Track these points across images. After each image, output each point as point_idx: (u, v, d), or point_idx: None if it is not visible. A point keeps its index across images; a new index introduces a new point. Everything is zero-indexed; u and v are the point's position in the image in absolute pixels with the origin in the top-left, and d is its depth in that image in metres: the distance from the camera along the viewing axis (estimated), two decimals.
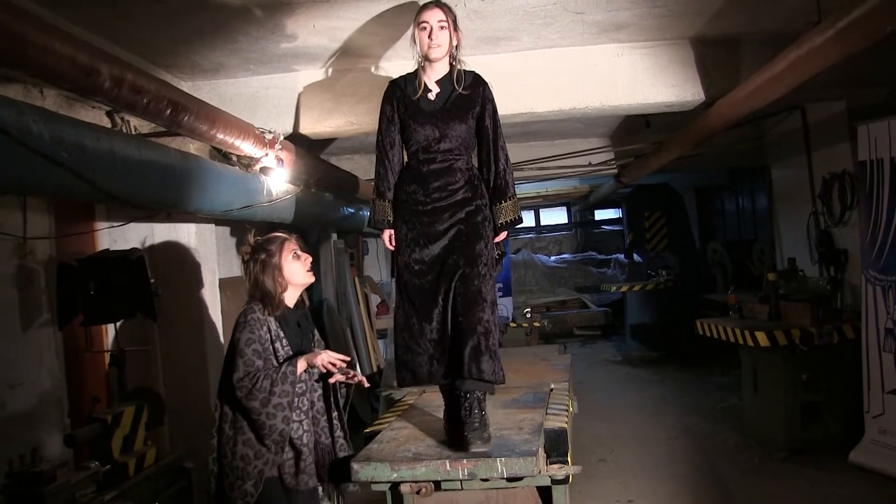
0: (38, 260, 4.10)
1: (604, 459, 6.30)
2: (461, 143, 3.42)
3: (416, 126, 3.39)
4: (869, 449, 5.65)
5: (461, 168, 3.41)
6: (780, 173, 8.61)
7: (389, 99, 3.51)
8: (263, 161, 4.53)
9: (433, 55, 3.38)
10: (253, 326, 3.22)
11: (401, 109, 3.45)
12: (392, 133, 3.48)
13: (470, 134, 3.45)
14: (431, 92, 3.44)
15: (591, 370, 10.70)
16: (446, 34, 3.37)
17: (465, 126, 3.40)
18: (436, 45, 3.35)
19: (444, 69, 3.47)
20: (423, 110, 3.40)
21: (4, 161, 2.37)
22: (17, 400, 3.84)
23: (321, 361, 3.20)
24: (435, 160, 3.39)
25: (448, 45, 3.40)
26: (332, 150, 7.97)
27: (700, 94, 5.04)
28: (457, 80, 3.44)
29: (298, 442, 3.21)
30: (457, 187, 3.39)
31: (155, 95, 3.14)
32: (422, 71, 3.46)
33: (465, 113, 3.41)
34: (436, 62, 3.43)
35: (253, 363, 3.15)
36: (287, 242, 3.38)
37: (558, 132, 8.14)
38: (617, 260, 15.97)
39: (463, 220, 3.37)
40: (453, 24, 3.41)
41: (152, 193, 3.43)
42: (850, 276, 6.68)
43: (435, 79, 3.47)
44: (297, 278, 3.37)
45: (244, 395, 3.11)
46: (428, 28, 3.35)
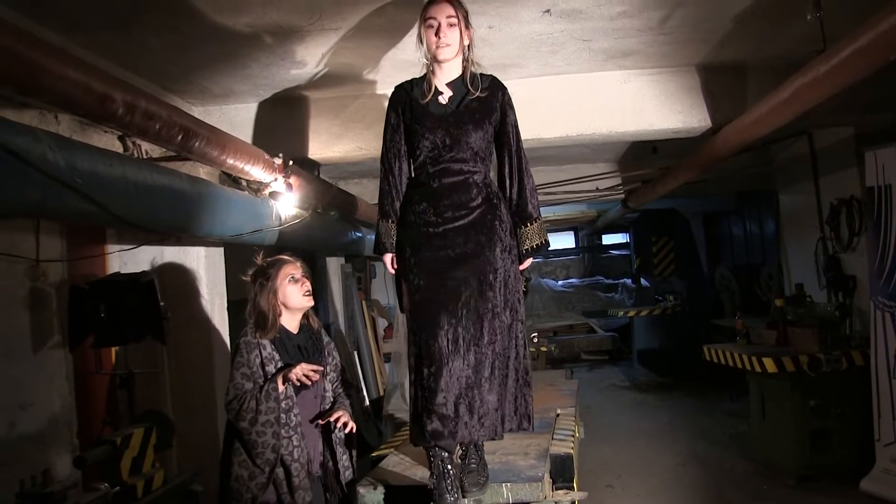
0: (51, 282, 4.14)
1: (611, 485, 6.26)
2: (477, 153, 3.02)
3: (424, 132, 3.01)
4: (880, 478, 5.59)
5: (478, 182, 3.01)
6: (787, 199, 8.62)
7: (395, 105, 3.15)
8: (273, 186, 4.57)
9: (442, 55, 3.00)
10: (242, 350, 3.31)
11: (407, 115, 3.08)
12: (397, 143, 3.13)
13: (487, 143, 3.06)
14: (442, 94, 3.06)
15: (598, 395, 10.64)
16: (456, 32, 3.00)
17: (481, 133, 3.01)
18: (445, 45, 2.97)
19: (456, 71, 3.08)
20: (433, 114, 3.01)
21: (22, 186, 2.41)
22: (27, 421, 3.87)
23: (293, 376, 3.20)
24: (447, 172, 2.99)
25: (459, 44, 3.02)
26: (341, 175, 8.03)
27: (707, 121, 5.08)
28: (471, 82, 3.05)
29: (289, 458, 3.22)
30: (474, 205, 2.99)
31: (167, 122, 3.18)
32: (430, 74, 3.07)
33: (481, 118, 3.01)
34: (446, 63, 3.04)
35: (242, 386, 3.23)
36: (285, 266, 3.40)
37: (566, 157, 8.18)
38: (624, 284, 15.92)
39: (481, 247, 2.96)
40: (465, 20, 3.04)
41: (163, 218, 3.47)
42: (858, 301, 6.66)
43: (446, 81, 3.08)
44: (292, 302, 3.39)
45: (234, 417, 3.22)
46: (436, 25, 2.97)
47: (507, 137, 3.10)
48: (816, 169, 7.37)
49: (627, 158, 8.33)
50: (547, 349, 10.48)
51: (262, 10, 3.55)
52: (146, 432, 3.62)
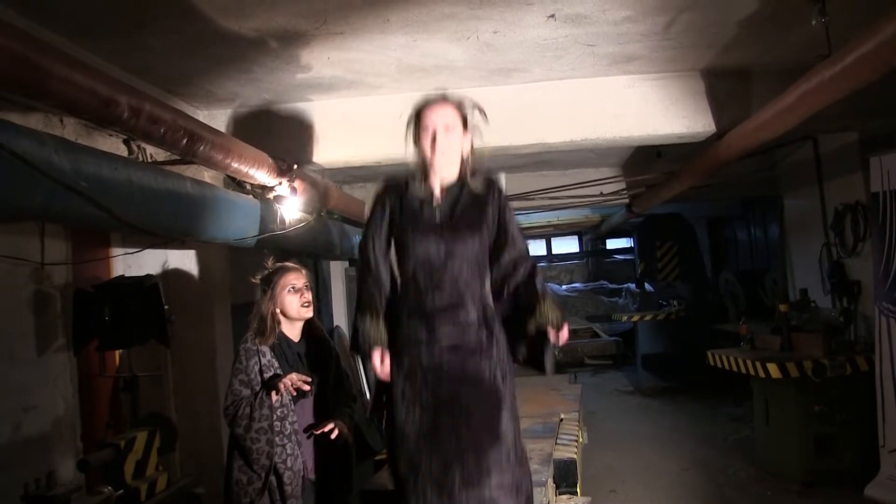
0: (55, 285, 4.16)
1: (614, 490, 6.24)
2: (473, 265, 2.72)
3: (416, 240, 2.69)
4: (885, 485, 5.56)
5: (474, 300, 2.71)
6: (792, 204, 8.61)
7: (383, 201, 2.81)
8: (277, 190, 4.58)
9: (438, 164, 2.70)
10: (241, 357, 3.35)
11: (396, 216, 2.75)
12: (383, 242, 2.80)
13: (483, 254, 2.76)
14: (434, 199, 2.74)
15: (602, 400, 10.62)
16: (457, 137, 2.71)
17: (477, 240, 2.72)
18: (441, 153, 2.67)
19: (452, 174, 2.77)
20: (426, 221, 2.70)
21: (28, 189, 2.42)
22: (31, 424, 3.88)
23: (283, 387, 3.21)
24: (442, 287, 2.66)
25: (458, 150, 2.73)
26: (345, 179, 8.04)
27: (711, 126, 5.08)
28: (465, 185, 2.76)
29: (282, 466, 3.24)
30: (470, 326, 2.68)
31: (172, 125, 3.19)
32: (424, 175, 2.75)
33: (476, 226, 2.72)
34: (442, 170, 2.74)
35: (239, 392, 3.28)
36: (287, 275, 3.43)
37: (570, 162, 8.18)
38: (628, 289, 15.92)
39: (478, 379, 2.65)
40: (464, 122, 2.75)
41: (168, 222, 3.48)
42: (863, 307, 6.64)
43: (440, 185, 2.75)
44: (290, 311, 3.41)
45: (230, 422, 3.28)
46: (432, 130, 2.67)
47: (504, 236, 2.79)
48: (821, 174, 7.35)
49: (632, 163, 8.33)
50: None
51: (268, 14, 3.56)
52: (150, 436, 3.63)
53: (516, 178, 8.69)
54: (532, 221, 11.22)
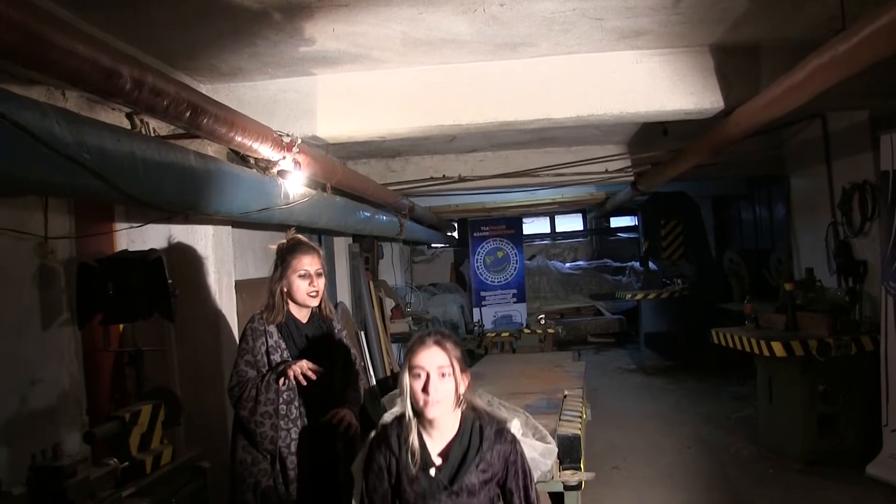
0: (59, 260, 4.14)
1: (617, 467, 6.28)
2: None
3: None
4: (887, 463, 5.59)
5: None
6: (799, 183, 8.56)
7: (377, 457, 2.56)
8: (281, 164, 4.55)
9: (432, 413, 2.44)
10: (248, 337, 3.32)
11: (392, 472, 2.52)
12: (377, 499, 2.54)
13: (490, 500, 2.56)
14: (434, 466, 2.49)
15: (604, 378, 10.66)
16: (450, 382, 2.46)
17: (481, 499, 2.51)
18: (435, 402, 2.42)
19: (451, 425, 2.52)
20: (423, 491, 2.47)
21: (30, 162, 2.39)
22: (37, 397, 3.89)
23: (291, 373, 3.16)
24: None
25: (454, 397, 2.48)
26: (349, 155, 8.01)
27: (719, 102, 5.02)
28: (471, 438, 2.51)
29: (286, 450, 3.22)
30: None
31: (175, 98, 3.15)
32: (418, 430, 2.50)
33: (481, 489, 2.50)
34: (437, 419, 2.49)
35: (245, 373, 3.25)
36: (301, 258, 3.38)
37: (575, 138, 8.13)
38: (632, 268, 15.91)
39: None
40: (459, 365, 2.49)
41: (172, 195, 3.44)
42: (868, 287, 6.63)
43: (438, 442, 2.52)
44: (297, 296, 3.38)
45: (234, 404, 3.26)
46: (423, 376, 2.43)
47: (512, 497, 2.56)
48: (829, 153, 7.31)
49: (637, 140, 8.28)
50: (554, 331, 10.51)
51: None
52: (154, 409, 3.63)
53: (521, 154, 8.66)
54: (536, 199, 11.21)
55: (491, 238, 13.43)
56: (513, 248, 13.53)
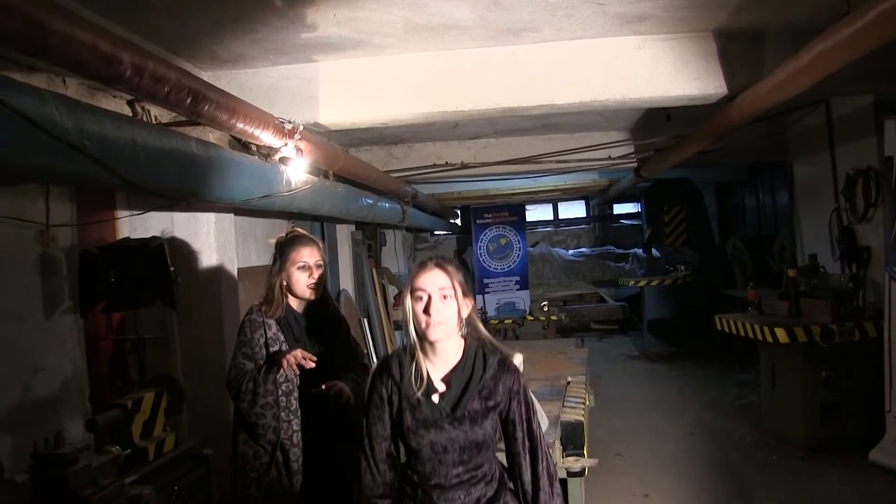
0: (61, 248, 4.14)
1: (620, 454, 6.29)
2: (480, 455, 2.49)
3: (413, 438, 2.46)
4: (889, 449, 5.60)
5: (481, 487, 2.50)
6: (802, 169, 8.53)
7: (379, 388, 2.55)
8: (283, 151, 4.53)
9: (434, 336, 2.43)
10: (246, 329, 3.28)
11: (393, 405, 2.51)
12: (381, 434, 2.53)
13: (492, 439, 2.52)
14: (436, 392, 2.49)
15: (608, 364, 10.67)
16: (452, 305, 2.46)
17: (483, 434, 2.47)
18: (437, 323, 2.42)
19: (454, 352, 2.52)
20: (425, 417, 2.46)
21: (29, 149, 2.38)
22: (40, 385, 3.89)
23: (286, 363, 3.11)
24: (444, 482, 2.46)
25: (456, 320, 2.47)
26: (351, 142, 7.98)
27: (722, 88, 4.99)
28: (474, 365, 2.51)
29: (287, 442, 3.19)
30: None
31: (175, 84, 3.14)
32: (421, 356, 2.50)
33: (484, 419, 2.47)
34: (439, 343, 2.48)
35: (243, 366, 3.22)
36: (300, 250, 3.33)
37: (578, 125, 8.10)
38: (635, 254, 15.89)
39: None
40: (462, 289, 2.50)
41: (173, 182, 3.43)
42: (872, 273, 6.61)
43: (441, 368, 2.52)
44: (296, 289, 3.33)
45: (233, 397, 3.23)
46: (425, 298, 2.44)
47: (515, 430, 2.54)
48: (833, 138, 7.27)
49: (640, 127, 8.24)
50: (557, 318, 10.51)
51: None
52: (157, 396, 3.63)
53: (524, 140, 8.64)
54: (539, 186, 11.18)
55: (494, 225, 13.42)
56: (516, 236, 13.51)
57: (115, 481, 2.88)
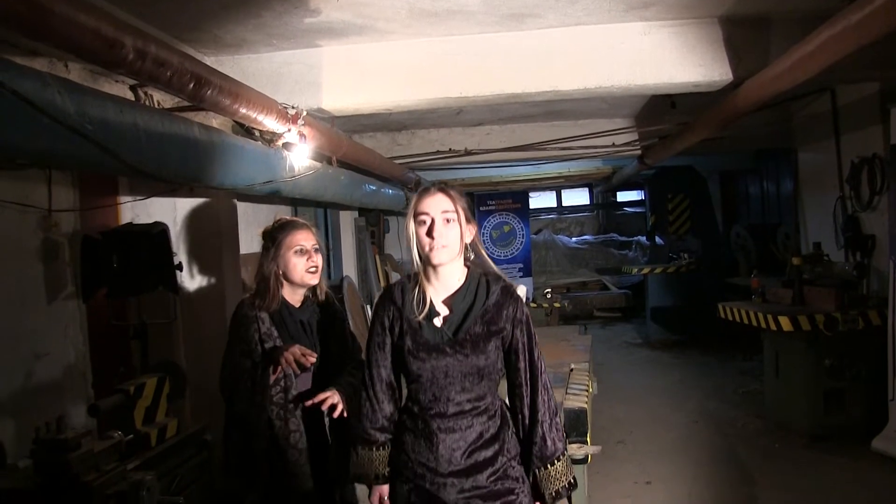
0: (63, 233, 4.13)
1: (622, 441, 6.29)
2: (482, 384, 2.49)
3: (415, 362, 2.47)
4: (892, 437, 5.59)
5: (482, 421, 2.49)
6: (806, 157, 8.50)
7: (381, 316, 2.58)
8: (286, 137, 4.52)
9: (437, 259, 2.45)
10: (238, 327, 3.10)
11: (395, 331, 2.53)
12: (382, 363, 2.57)
13: (494, 369, 2.52)
14: (439, 316, 2.50)
15: (610, 352, 10.67)
16: (455, 229, 2.46)
17: (485, 361, 2.47)
18: (440, 246, 2.43)
19: (457, 278, 2.54)
20: (427, 341, 2.47)
21: (30, 132, 2.36)
22: (42, 370, 3.90)
23: (284, 361, 2.95)
24: (445, 412, 2.46)
25: (459, 244, 2.48)
26: (355, 128, 7.96)
27: (728, 75, 4.95)
28: (476, 291, 2.53)
29: (284, 443, 3.04)
30: (478, 447, 2.47)
31: (178, 69, 3.12)
32: (424, 281, 2.52)
33: (486, 344, 2.47)
34: (443, 268, 2.50)
35: (239, 364, 3.05)
36: (295, 233, 3.17)
37: (582, 112, 8.07)
38: (638, 242, 15.88)
39: (489, 494, 2.45)
40: (464, 213, 2.51)
41: (176, 167, 3.41)
42: (876, 261, 6.59)
43: (444, 293, 2.53)
44: (294, 275, 3.15)
45: (227, 397, 3.09)
46: (428, 221, 2.44)
47: (518, 360, 2.54)
48: (838, 126, 7.24)
49: (645, 114, 8.21)
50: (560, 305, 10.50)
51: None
52: (159, 382, 3.63)
53: (528, 127, 8.61)
54: (543, 173, 11.16)
55: (497, 212, 13.39)
56: (519, 223, 13.49)
57: (117, 467, 2.88)
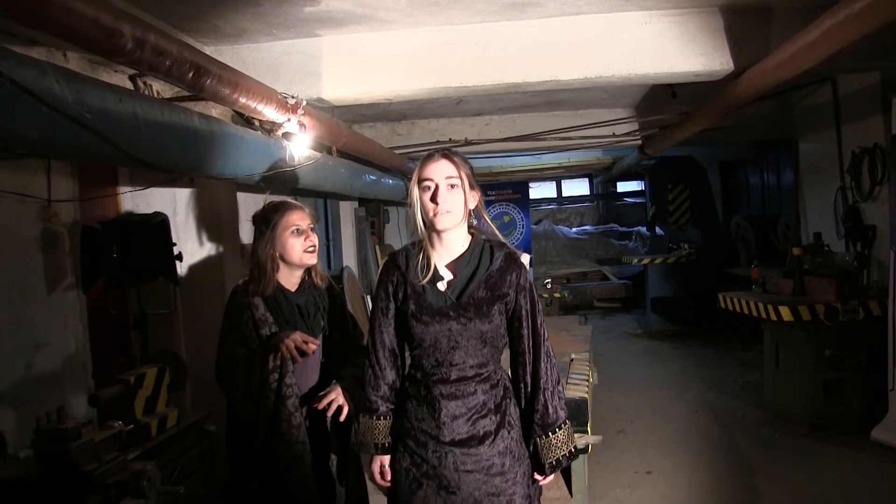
0: (63, 223, 4.13)
1: (623, 431, 6.30)
2: (485, 351, 2.51)
3: (418, 326, 2.48)
4: (892, 427, 5.60)
5: (485, 389, 2.50)
6: (807, 147, 8.48)
7: (385, 283, 2.60)
8: (286, 126, 4.50)
9: (442, 224, 2.45)
10: (231, 313, 3.04)
11: (398, 298, 2.56)
12: (385, 331, 2.60)
13: (497, 336, 2.53)
14: (443, 280, 2.52)
15: (610, 342, 10.67)
16: (459, 195, 2.47)
17: (489, 327, 2.49)
18: (444, 212, 2.43)
19: (460, 244, 2.55)
20: (430, 305, 2.48)
21: (29, 121, 2.35)
22: (43, 361, 3.89)
23: (284, 347, 2.88)
24: (448, 378, 2.48)
25: (463, 210, 2.49)
26: (354, 118, 7.94)
27: (729, 64, 4.94)
28: (480, 257, 2.53)
29: (285, 431, 2.96)
30: (480, 416, 2.49)
31: (177, 58, 3.10)
32: (428, 247, 2.52)
33: (489, 309, 2.48)
34: (447, 234, 2.51)
35: (234, 352, 2.98)
36: (290, 214, 3.08)
37: (582, 102, 8.05)
38: (638, 232, 15.88)
39: (487, 472, 2.47)
40: (468, 180, 2.51)
41: (175, 157, 3.39)
42: (876, 252, 6.58)
43: (447, 259, 2.54)
44: (291, 256, 3.06)
45: (224, 388, 3.02)
46: (432, 187, 2.44)
47: (521, 328, 2.55)
48: (839, 116, 7.22)
49: (645, 103, 8.19)
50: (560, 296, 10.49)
51: None
52: (159, 372, 3.63)
53: (528, 117, 8.59)
54: (543, 163, 11.15)
55: (497, 202, 13.38)
56: (519, 213, 13.48)
57: (118, 456, 2.87)
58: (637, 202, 17.34)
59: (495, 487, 2.47)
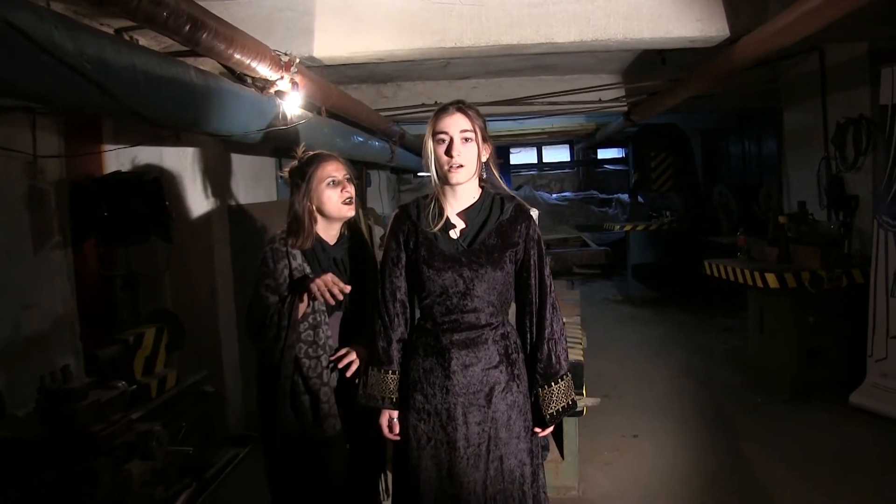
0: (49, 181, 4.02)
1: (608, 395, 6.34)
2: (495, 300, 2.54)
3: (430, 273, 2.51)
4: (869, 392, 5.71)
5: (495, 339, 2.54)
6: (792, 117, 8.50)
7: (396, 233, 2.64)
8: (279, 84, 4.40)
9: (455, 178, 2.50)
10: (268, 259, 2.92)
11: (409, 247, 2.58)
12: (396, 281, 2.61)
13: (507, 286, 2.58)
14: (454, 228, 2.56)
15: (591, 308, 10.71)
16: (473, 148, 2.52)
17: (499, 274, 2.53)
18: (458, 165, 2.48)
19: (472, 195, 2.60)
20: (443, 252, 2.52)
21: (29, 68, 2.25)
22: (30, 321, 3.82)
23: (315, 288, 2.76)
24: (459, 326, 2.51)
25: (476, 163, 2.53)
26: (340, 79, 7.79)
27: (725, 31, 4.90)
28: (490, 208, 2.59)
29: (317, 381, 2.86)
30: (490, 366, 2.52)
31: (175, 9, 2.99)
32: (441, 197, 2.57)
33: (500, 256, 2.53)
34: (460, 186, 2.56)
35: (266, 299, 2.87)
36: (326, 165, 2.99)
37: (570, 66, 7.97)
38: (618, 199, 15.94)
39: (496, 422, 2.50)
40: (482, 133, 2.55)
41: (172, 111, 3.30)
42: (859, 221, 6.65)
43: (458, 208, 2.59)
44: (328, 208, 2.97)
45: (254, 333, 2.91)
46: (447, 140, 2.49)
47: (529, 278, 2.58)
48: (825, 86, 7.23)
49: (633, 70, 8.13)
50: None
51: None
52: (157, 332, 3.58)
53: (515, 81, 8.50)
54: (525, 128, 11.08)
55: None
56: None
57: (123, 417, 2.83)
58: (617, 169, 17.39)
59: (500, 440, 2.50)
